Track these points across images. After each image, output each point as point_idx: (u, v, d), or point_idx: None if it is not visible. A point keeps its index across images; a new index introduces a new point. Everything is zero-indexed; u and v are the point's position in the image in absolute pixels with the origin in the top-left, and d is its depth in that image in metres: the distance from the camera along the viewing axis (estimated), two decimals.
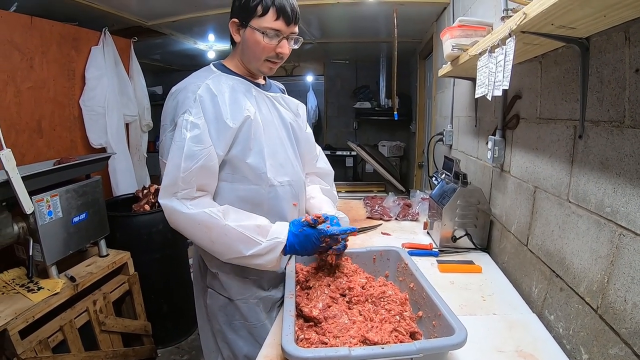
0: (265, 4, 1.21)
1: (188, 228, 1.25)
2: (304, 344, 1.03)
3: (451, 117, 2.75)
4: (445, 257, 1.79)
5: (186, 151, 1.17)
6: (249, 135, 1.28)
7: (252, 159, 1.29)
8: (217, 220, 1.20)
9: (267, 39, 1.25)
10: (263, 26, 1.23)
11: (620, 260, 0.92)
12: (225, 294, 1.39)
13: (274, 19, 1.23)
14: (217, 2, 2.91)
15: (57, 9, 2.79)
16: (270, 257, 1.26)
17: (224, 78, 1.31)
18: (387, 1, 2.90)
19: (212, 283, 1.41)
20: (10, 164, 1.66)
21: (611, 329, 0.94)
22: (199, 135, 1.19)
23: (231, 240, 1.22)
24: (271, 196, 1.36)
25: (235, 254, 1.24)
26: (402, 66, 4.86)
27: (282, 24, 1.24)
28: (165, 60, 5.68)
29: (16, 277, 2.00)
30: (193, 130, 1.18)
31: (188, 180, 1.18)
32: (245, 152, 1.28)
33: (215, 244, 1.24)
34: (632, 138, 0.88)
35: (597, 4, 0.76)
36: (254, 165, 1.30)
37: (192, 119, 1.19)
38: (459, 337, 0.91)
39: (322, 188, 1.66)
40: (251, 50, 1.29)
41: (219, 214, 1.21)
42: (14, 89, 2.43)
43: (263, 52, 1.28)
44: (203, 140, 1.19)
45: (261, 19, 1.23)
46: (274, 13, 1.22)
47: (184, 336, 3.08)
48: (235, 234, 1.21)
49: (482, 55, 1.27)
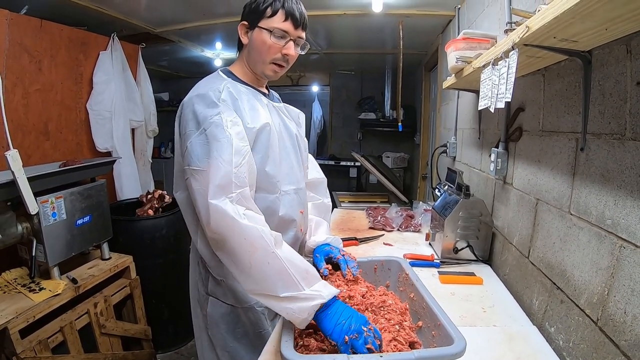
0: (274, 6, 1.24)
1: (234, 238, 1.08)
2: (303, 350, 1.03)
3: (455, 129, 2.76)
4: (446, 269, 1.78)
5: (235, 146, 1.13)
6: (268, 143, 1.28)
7: (270, 167, 1.30)
8: (267, 244, 1.07)
9: (274, 38, 1.26)
10: (271, 26, 1.25)
11: (620, 273, 0.92)
12: (230, 301, 1.38)
13: (282, 20, 1.25)
14: (225, 10, 2.94)
15: (66, 13, 2.83)
16: (303, 305, 1.04)
17: (239, 85, 1.32)
18: (393, 13, 2.92)
19: (215, 291, 1.39)
20: (16, 165, 1.68)
21: (611, 341, 0.93)
22: (241, 132, 1.17)
23: (271, 272, 1.06)
24: (282, 204, 1.36)
25: (267, 290, 1.07)
26: (407, 78, 4.87)
27: (290, 25, 1.26)
28: (173, 67, 5.74)
29: (18, 277, 2.01)
30: (234, 127, 1.16)
31: (241, 175, 1.12)
32: (264, 160, 1.28)
33: (252, 269, 1.08)
34: (633, 150, 0.89)
35: (599, 17, 0.77)
36: (271, 174, 1.30)
37: (231, 118, 1.17)
38: (458, 346, 0.91)
39: (314, 204, 1.64)
40: (257, 50, 1.29)
41: (271, 238, 1.08)
42: (22, 91, 2.46)
43: (269, 52, 1.28)
44: (245, 137, 1.18)
45: (270, 19, 1.25)
46: (282, 14, 1.24)
47: (183, 342, 3.06)
48: (278, 267, 1.06)
49: (486, 68, 1.28)
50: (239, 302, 1.37)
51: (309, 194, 1.63)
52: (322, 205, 1.66)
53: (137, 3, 2.84)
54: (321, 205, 1.65)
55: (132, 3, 2.83)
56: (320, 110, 6.72)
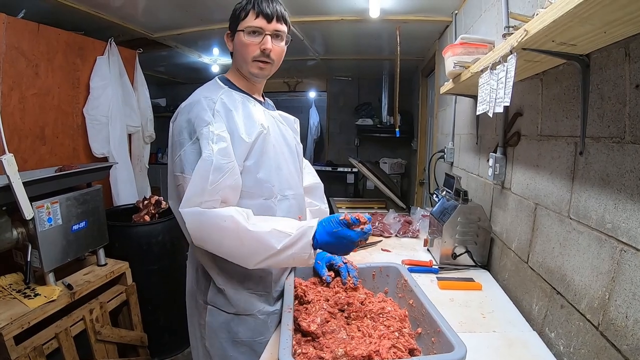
0: (246, 9, 1.32)
1: (214, 231, 1.18)
2: (301, 358, 1.02)
3: (452, 134, 2.76)
4: (445, 274, 1.78)
5: (215, 164, 1.16)
6: (262, 150, 1.30)
7: (262, 173, 1.31)
8: (244, 218, 1.17)
9: (247, 37, 1.31)
10: (244, 26, 1.31)
11: (621, 277, 0.91)
12: (231, 310, 1.36)
13: (253, 18, 1.30)
14: (222, 16, 2.93)
15: (64, 17, 2.82)
16: (302, 243, 1.17)
17: (234, 94, 1.34)
18: (390, 19, 2.93)
19: (215, 300, 1.37)
20: (12, 169, 1.67)
21: (612, 346, 0.93)
22: (225, 149, 1.19)
23: (261, 236, 1.17)
24: (280, 209, 1.36)
25: (267, 252, 1.17)
26: (405, 84, 4.90)
27: (262, 21, 1.30)
28: (170, 73, 5.74)
29: (13, 283, 1.99)
30: (219, 143, 1.18)
31: (215, 192, 1.16)
32: (257, 166, 1.29)
33: (244, 244, 1.18)
34: (633, 154, 0.88)
35: (598, 20, 0.77)
36: (264, 179, 1.31)
37: (218, 132, 1.19)
38: (458, 353, 0.90)
39: (311, 210, 1.65)
40: (239, 52, 1.35)
41: (244, 214, 1.18)
42: (19, 95, 2.44)
43: (248, 51, 1.33)
44: (229, 153, 1.19)
45: (244, 21, 1.32)
46: (253, 13, 1.30)
47: (180, 349, 3.03)
48: (265, 228, 1.17)
49: (484, 72, 1.28)
50: (240, 311, 1.36)
51: (306, 200, 1.63)
52: (319, 211, 1.66)
53: (135, 8, 2.84)
54: (318, 212, 1.65)
55: (130, 8, 2.83)
56: (317, 117, 6.72)
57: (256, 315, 1.37)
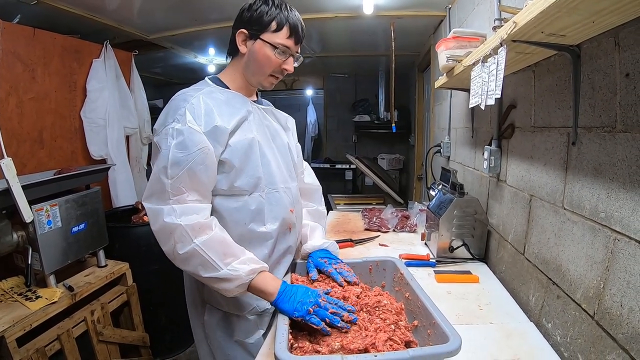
0: (280, 21, 1.24)
1: (162, 234, 1.22)
2: (298, 352, 1.02)
3: (449, 128, 2.77)
4: (442, 268, 1.78)
5: (171, 158, 1.16)
6: (248, 144, 1.29)
7: (250, 168, 1.30)
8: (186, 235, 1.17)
9: (278, 55, 1.27)
10: (276, 41, 1.25)
11: (615, 265, 0.92)
12: (225, 308, 1.37)
13: (286, 36, 1.26)
14: (217, 16, 2.94)
15: (59, 21, 2.83)
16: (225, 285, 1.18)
17: (218, 92, 1.31)
18: (385, 15, 2.93)
19: (210, 298, 1.39)
20: (10, 173, 1.68)
21: (608, 335, 0.93)
22: (183, 142, 1.17)
23: (192, 258, 1.19)
24: (269, 202, 1.35)
25: (193, 272, 1.22)
26: (401, 79, 4.89)
27: (292, 42, 1.28)
28: (166, 74, 5.74)
29: (15, 286, 2.00)
30: (177, 138, 1.17)
31: (176, 186, 1.17)
32: (243, 162, 1.28)
33: (176, 258, 1.23)
34: (624, 142, 0.89)
35: (585, 10, 0.77)
36: (251, 174, 1.30)
37: (178, 127, 1.18)
38: (453, 344, 0.90)
39: (308, 211, 1.65)
40: (258, 63, 1.30)
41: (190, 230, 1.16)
42: (16, 100, 2.45)
43: (270, 67, 1.30)
44: (187, 146, 1.17)
45: (274, 34, 1.25)
46: (287, 30, 1.26)
47: (181, 348, 3.05)
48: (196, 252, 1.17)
49: (476, 66, 1.29)
50: (231, 309, 1.37)
51: (303, 202, 1.63)
52: (316, 212, 1.67)
53: (130, 10, 2.84)
54: (315, 212, 1.66)
55: (125, 10, 2.83)
56: (314, 114, 6.73)
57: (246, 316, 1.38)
